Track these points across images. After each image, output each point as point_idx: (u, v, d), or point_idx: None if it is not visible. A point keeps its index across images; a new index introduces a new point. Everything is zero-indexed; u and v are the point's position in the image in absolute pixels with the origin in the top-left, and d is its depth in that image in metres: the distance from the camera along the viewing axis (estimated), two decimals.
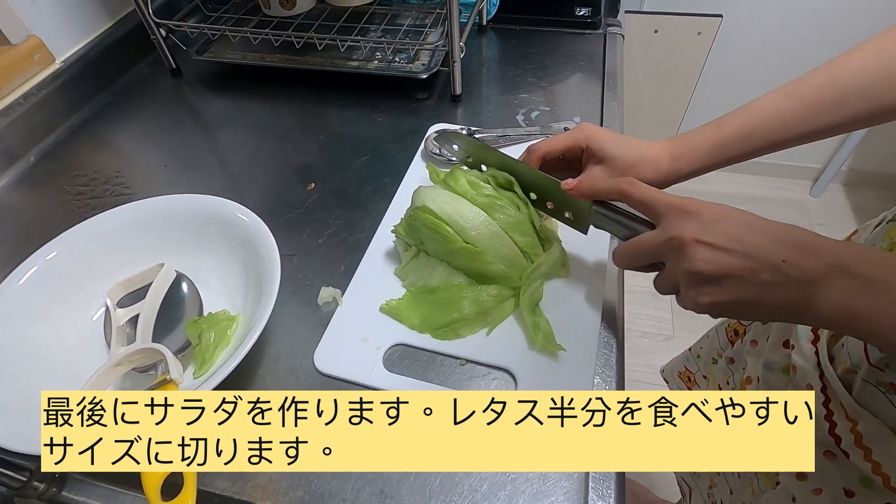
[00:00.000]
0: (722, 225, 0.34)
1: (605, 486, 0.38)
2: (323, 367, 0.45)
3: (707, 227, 0.34)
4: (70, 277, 0.48)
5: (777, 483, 0.47)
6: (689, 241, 0.34)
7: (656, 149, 0.46)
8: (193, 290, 0.49)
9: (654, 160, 0.45)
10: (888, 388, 0.36)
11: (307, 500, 0.38)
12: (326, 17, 0.80)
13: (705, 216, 0.34)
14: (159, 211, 0.51)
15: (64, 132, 0.72)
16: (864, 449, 0.37)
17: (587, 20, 0.83)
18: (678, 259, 0.35)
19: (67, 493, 0.40)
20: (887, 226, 0.43)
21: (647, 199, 0.38)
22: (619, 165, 0.45)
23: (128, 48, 0.82)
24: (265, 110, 0.75)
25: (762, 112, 0.44)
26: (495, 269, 0.45)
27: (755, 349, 0.53)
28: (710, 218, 0.34)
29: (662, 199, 0.37)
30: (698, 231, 0.34)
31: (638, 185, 0.39)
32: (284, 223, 0.57)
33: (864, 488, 0.39)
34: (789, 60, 1.51)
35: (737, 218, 0.34)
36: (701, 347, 0.71)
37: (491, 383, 0.43)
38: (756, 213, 0.34)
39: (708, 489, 0.64)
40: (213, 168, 0.67)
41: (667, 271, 0.37)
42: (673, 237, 0.35)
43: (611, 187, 0.41)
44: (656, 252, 0.37)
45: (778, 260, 0.31)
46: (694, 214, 0.35)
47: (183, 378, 0.41)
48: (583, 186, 0.43)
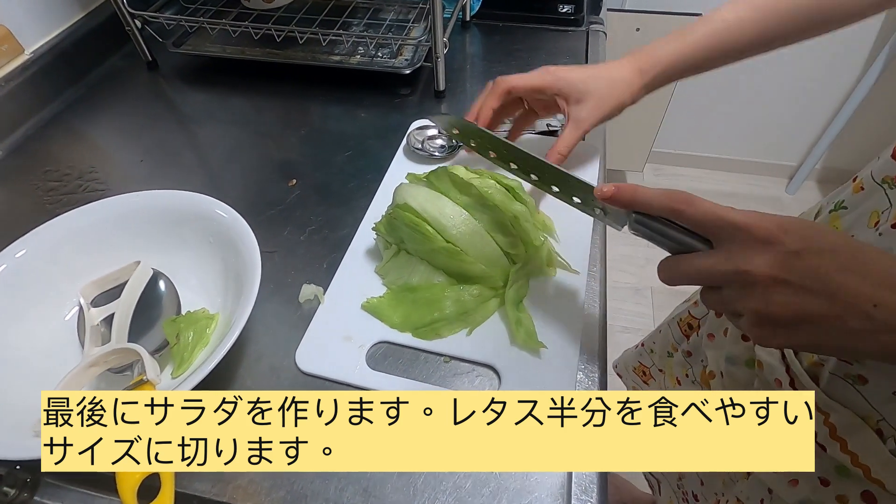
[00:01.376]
0: (806, 259, 0.28)
1: (588, 480, 0.38)
2: (305, 365, 0.44)
3: (787, 262, 0.28)
4: (41, 276, 0.46)
5: (749, 474, 0.48)
6: (765, 279, 0.28)
7: (626, 69, 0.48)
8: (171, 289, 0.48)
9: (627, 80, 0.48)
10: (856, 379, 0.36)
11: (289, 500, 0.38)
12: (308, 10, 0.78)
13: (786, 246, 0.28)
14: (135, 207, 0.50)
15: (34, 126, 0.70)
16: (839, 440, 0.38)
17: (570, 17, 0.83)
18: (747, 295, 0.29)
19: (40, 498, 0.39)
20: (829, 216, 0.44)
21: (707, 220, 0.31)
22: (597, 98, 0.48)
23: (101, 40, 0.79)
24: (245, 105, 0.74)
25: (724, 22, 0.46)
26: (476, 269, 0.45)
27: (713, 342, 0.53)
28: (792, 248, 0.28)
29: (727, 217, 0.30)
30: (776, 266, 0.28)
31: (694, 203, 0.32)
32: (265, 220, 0.56)
33: (841, 477, 0.39)
34: (766, 57, 1.54)
35: (820, 246, 0.28)
36: (654, 342, 0.72)
37: (475, 380, 0.43)
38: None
39: (677, 481, 0.65)
40: (192, 164, 0.65)
41: (726, 297, 0.31)
42: (742, 270, 0.29)
43: (660, 203, 0.33)
44: (718, 280, 0.31)
45: (869, 305, 0.26)
46: (771, 243, 0.28)
47: (160, 379, 0.40)
48: (622, 195, 0.35)
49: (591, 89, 0.48)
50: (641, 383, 0.76)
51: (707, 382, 0.52)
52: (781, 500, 0.43)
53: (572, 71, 0.49)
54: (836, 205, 0.44)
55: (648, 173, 1.93)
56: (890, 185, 0.39)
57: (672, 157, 1.91)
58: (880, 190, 0.39)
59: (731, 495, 0.51)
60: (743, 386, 0.46)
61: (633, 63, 0.48)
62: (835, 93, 1.61)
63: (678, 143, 1.87)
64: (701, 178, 1.91)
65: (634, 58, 0.49)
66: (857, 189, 0.42)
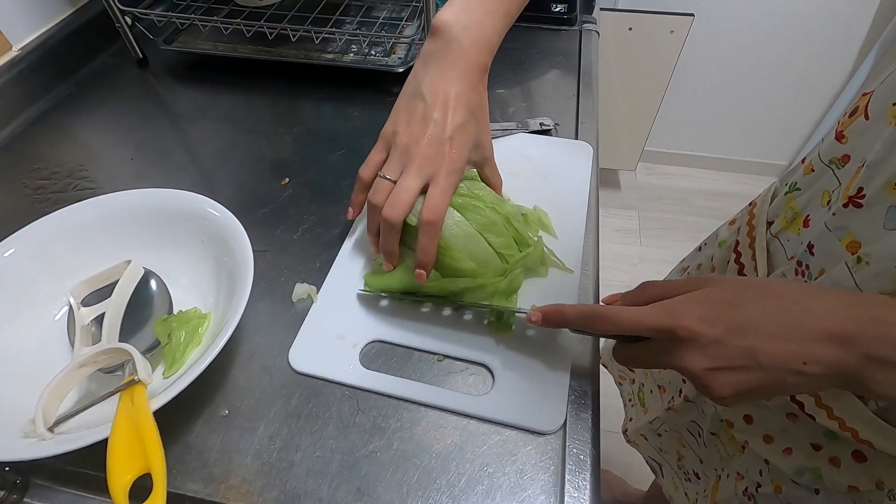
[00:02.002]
0: (727, 344, 0.30)
1: (581, 478, 0.38)
2: (298, 365, 0.44)
3: (712, 352, 0.30)
4: (30, 276, 0.46)
5: (744, 448, 0.49)
6: (700, 372, 0.31)
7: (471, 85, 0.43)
8: (163, 288, 0.47)
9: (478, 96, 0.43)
10: None
11: (282, 500, 0.38)
12: (300, 7, 0.78)
13: (704, 337, 0.30)
14: (126, 206, 0.49)
15: (22, 123, 0.69)
16: (825, 408, 0.38)
17: (563, 17, 0.83)
18: (694, 384, 0.32)
19: (30, 500, 0.39)
20: (785, 198, 0.46)
21: (634, 331, 0.34)
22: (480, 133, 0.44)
23: (91, 36, 0.78)
24: (237, 103, 0.73)
25: None
26: (465, 266, 0.45)
27: None
28: (711, 338, 0.30)
29: (648, 324, 0.32)
30: (704, 359, 0.30)
31: (613, 320, 0.34)
32: (258, 219, 0.56)
33: (830, 440, 0.40)
34: (757, 57, 1.56)
35: (739, 321, 0.30)
36: None
37: (468, 378, 0.44)
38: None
39: (677, 461, 0.66)
40: (183, 162, 0.65)
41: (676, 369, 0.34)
42: (679, 367, 0.32)
43: (582, 319, 0.36)
44: (665, 367, 0.34)
45: (799, 363, 0.28)
46: (693, 339, 0.31)
47: (151, 379, 0.40)
48: (551, 319, 0.38)
49: (473, 135, 0.44)
50: (627, 371, 0.77)
51: None
52: (779, 470, 0.44)
53: (454, 149, 0.43)
54: (791, 186, 0.46)
55: (641, 172, 1.94)
56: (837, 166, 0.40)
57: (664, 156, 1.93)
58: (829, 171, 0.41)
59: (730, 470, 0.52)
60: None
61: (472, 69, 0.43)
62: (826, 91, 1.63)
63: (670, 143, 1.89)
64: (693, 176, 1.92)
65: (467, 61, 0.42)
66: (808, 171, 0.44)
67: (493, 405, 0.41)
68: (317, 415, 0.42)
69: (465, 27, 0.43)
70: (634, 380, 0.75)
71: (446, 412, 0.42)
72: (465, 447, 0.40)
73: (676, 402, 0.58)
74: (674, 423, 0.61)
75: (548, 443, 0.40)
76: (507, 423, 0.41)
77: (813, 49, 1.53)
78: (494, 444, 0.40)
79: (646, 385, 0.70)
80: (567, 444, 0.40)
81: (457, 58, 0.43)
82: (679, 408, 0.58)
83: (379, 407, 0.42)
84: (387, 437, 0.40)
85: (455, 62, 0.43)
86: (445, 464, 0.39)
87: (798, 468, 0.43)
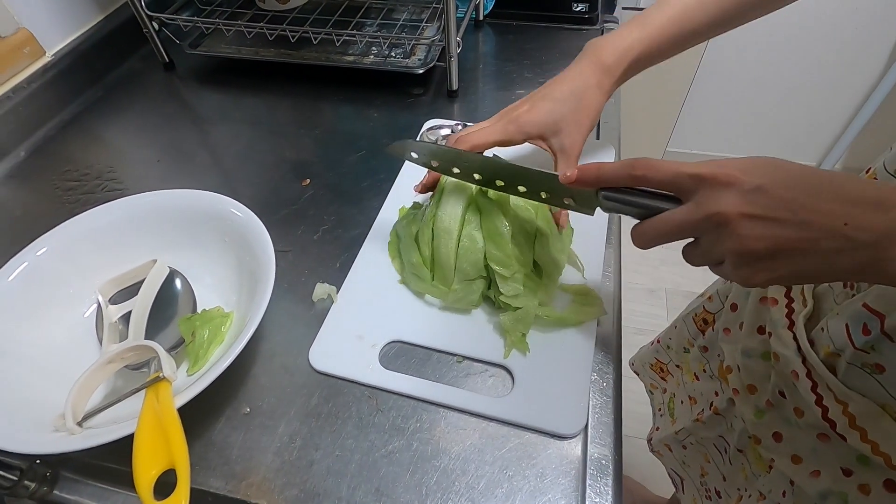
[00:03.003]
0: (769, 192, 0.29)
1: (603, 483, 0.38)
2: (318, 364, 0.44)
3: (752, 198, 0.29)
4: (61, 274, 0.47)
5: (770, 468, 0.47)
6: (735, 217, 0.29)
7: (590, 75, 0.45)
8: (187, 287, 0.48)
9: (595, 85, 0.45)
10: (874, 368, 0.36)
11: (302, 498, 0.38)
12: (322, 11, 0.79)
13: (746, 184, 0.29)
14: (152, 206, 0.50)
15: (55, 127, 0.71)
16: (859, 430, 0.37)
17: (584, 16, 0.83)
18: (722, 237, 0.31)
19: (59, 492, 0.40)
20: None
21: (669, 179, 0.33)
22: (572, 121, 0.45)
23: (120, 42, 0.81)
24: (259, 105, 0.74)
25: (684, 5, 0.44)
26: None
27: (729, 337, 0.53)
28: (753, 185, 0.29)
29: (688, 171, 0.32)
30: (742, 203, 0.29)
31: (656, 167, 0.33)
32: (279, 219, 0.57)
33: (862, 466, 0.39)
34: (784, 54, 1.52)
35: (783, 177, 0.29)
36: (670, 338, 0.71)
37: (488, 380, 0.43)
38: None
39: (700, 478, 0.64)
40: (207, 163, 0.66)
41: (704, 246, 0.33)
42: (712, 213, 0.30)
43: (621, 173, 0.35)
44: (691, 230, 0.33)
45: (839, 224, 0.27)
46: (733, 184, 0.30)
47: (176, 376, 0.41)
48: (586, 175, 0.37)
49: (562, 116, 0.45)
50: (659, 380, 0.76)
51: (724, 377, 0.52)
52: (803, 492, 0.43)
53: (534, 108, 0.45)
54: None
55: None
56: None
57: (688, 157, 1.89)
58: (893, 180, 0.39)
59: (753, 490, 0.51)
60: (760, 379, 0.46)
61: (596, 64, 0.45)
62: (856, 89, 1.58)
63: (694, 143, 1.85)
64: None
65: (596, 56, 0.45)
66: (871, 179, 0.42)
67: (512, 407, 0.41)
68: (336, 414, 0.42)
69: (602, 38, 0.46)
70: (666, 389, 0.73)
71: (466, 414, 0.41)
72: (485, 449, 0.39)
73: (706, 413, 0.57)
74: (700, 435, 0.60)
75: (568, 446, 0.39)
76: (527, 426, 0.40)
77: (842, 45, 1.48)
78: (514, 446, 0.39)
79: (677, 395, 0.69)
80: (588, 448, 0.39)
81: (586, 55, 0.46)
82: (708, 420, 0.57)
83: (398, 407, 0.42)
84: (406, 438, 0.40)
85: (582, 58, 0.46)
86: (465, 466, 0.39)
87: (823, 492, 0.41)
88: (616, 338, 0.46)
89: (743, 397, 0.48)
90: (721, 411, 0.54)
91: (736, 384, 0.49)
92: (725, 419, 0.54)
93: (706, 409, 0.57)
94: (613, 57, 0.44)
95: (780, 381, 0.43)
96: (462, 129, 0.62)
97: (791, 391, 0.42)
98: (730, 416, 0.53)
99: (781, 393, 0.43)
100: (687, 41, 0.45)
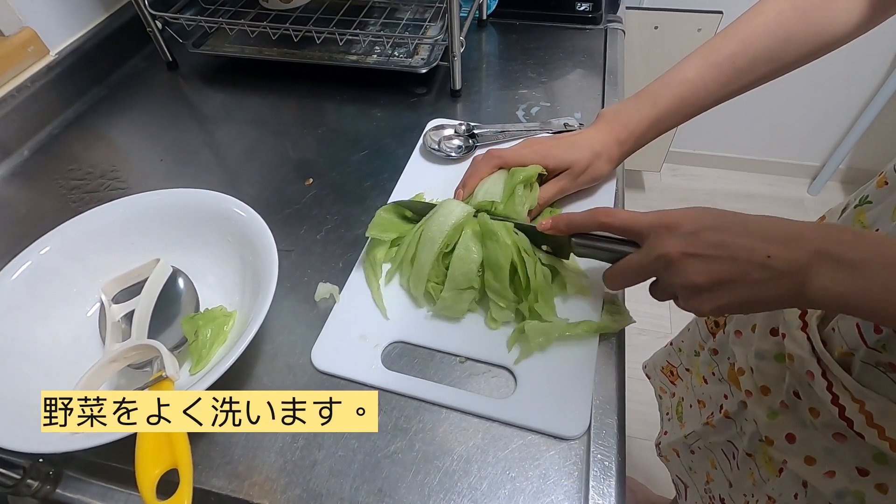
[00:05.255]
0: (703, 234, 0.35)
1: (606, 484, 0.38)
2: (321, 364, 0.44)
3: (690, 240, 0.35)
4: (64, 273, 0.47)
5: (781, 470, 0.47)
6: (678, 256, 0.35)
7: (603, 139, 0.51)
8: (190, 286, 0.48)
9: (607, 152, 0.51)
10: (888, 367, 0.36)
11: (304, 498, 0.38)
12: (325, 10, 0.79)
13: (685, 228, 0.36)
14: (155, 206, 0.50)
15: (58, 126, 0.71)
16: (876, 428, 0.37)
17: (588, 15, 0.82)
18: (671, 274, 0.36)
19: (62, 491, 0.40)
20: (854, 210, 0.45)
21: (627, 225, 0.40)
22: (580, 168, 0.51)
23: (123, 41, 0.81)
24: (263, 104, 0.74)
25: (690, 84, 0.49)
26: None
27: (740, 339, 0.53)
28: (691, 229, 0.35)
29: (641, 220, 0.39)
30: (683, 244, 0.35)
31: (615, 214, 0.41)
32: (282, 219, 0.57)
33: (879, 465, 0.39)
34: None
35: (715, 223, 0.35)
36: (682, 341, 0.71)
37: (490, 381, 0.43)
38: (755, 211, 0.35)
39: (705, 485, 0.64)
40: (210, 163, 0.66)
41: (661, 285, 0.39)
42: (660, 255, 0.36)
43: (588, 221, 0.42)
44: (647, 271, 0.39)
45: (763, 257, 0.32)
46: (674, 228, 0.36)
47: (179, 375, 0.41)
48: (560, 223, 0.44)
49: (573, 160, 0.50)
50: (669, 383, 0.75)
51: (735, 379, 0.52)
52: (818, 493, 0.43)
53: (556, 146, 0.51)
54: (861, 199, 0.44)
55: (665, 173, 1.90)
56: None
57: (690, 156, 1.88)
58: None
59: (761, 495, 0.50)
60: (774, 380, 0.46)
61: (611, 134, 0.51)
62: (861, 89, 1.57)
63: (696, 143, 1.84)
64: (720, 178, 1.87)
65: (611, 126, 0.51)
66: (881, 184, 0.42)
67: (515, 408, 0.41)
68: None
69: (615, 110, 0.52)
70: (675, 393, 0.73)
71: (468, 415, 0.41)
72: (488, 450, 0.39)
73: (716, 417, 0.56)
74: (709, 439, 0.60)
75: (571, 448, 0.39)
76: (529, 427, 0.40)
77: (847, 47, 1.47)
78: (517, 447, 0.39)
79: (686, 399, 0.68)
80: (591, 449, 0.39)
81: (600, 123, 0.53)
82: (718, 424, 0.56)
83: (401, 408, 0.42)
84: (408, 439, 0.40)
85: (597, 124, 0.53)
86: (467, 466, 0.39)
87: (839, 491, 0.41)
88: (618, 338, 0.46)
89: (756, 399, 0.47)
90: (731, 415, 0.54)
91: (749, 386, 0.48)
92: (735, 422, 0.54)
93: (716, 413, 0.57)
94: (625, 133, 0.51)
95: (794, 382, 0.43)
96: (465, 128, 0.62)
97: (806, 391, 0.42)
98: (740, 419, 0.53)
99: (796, 394, 0.43)
100: (691, 115, 0.51)
